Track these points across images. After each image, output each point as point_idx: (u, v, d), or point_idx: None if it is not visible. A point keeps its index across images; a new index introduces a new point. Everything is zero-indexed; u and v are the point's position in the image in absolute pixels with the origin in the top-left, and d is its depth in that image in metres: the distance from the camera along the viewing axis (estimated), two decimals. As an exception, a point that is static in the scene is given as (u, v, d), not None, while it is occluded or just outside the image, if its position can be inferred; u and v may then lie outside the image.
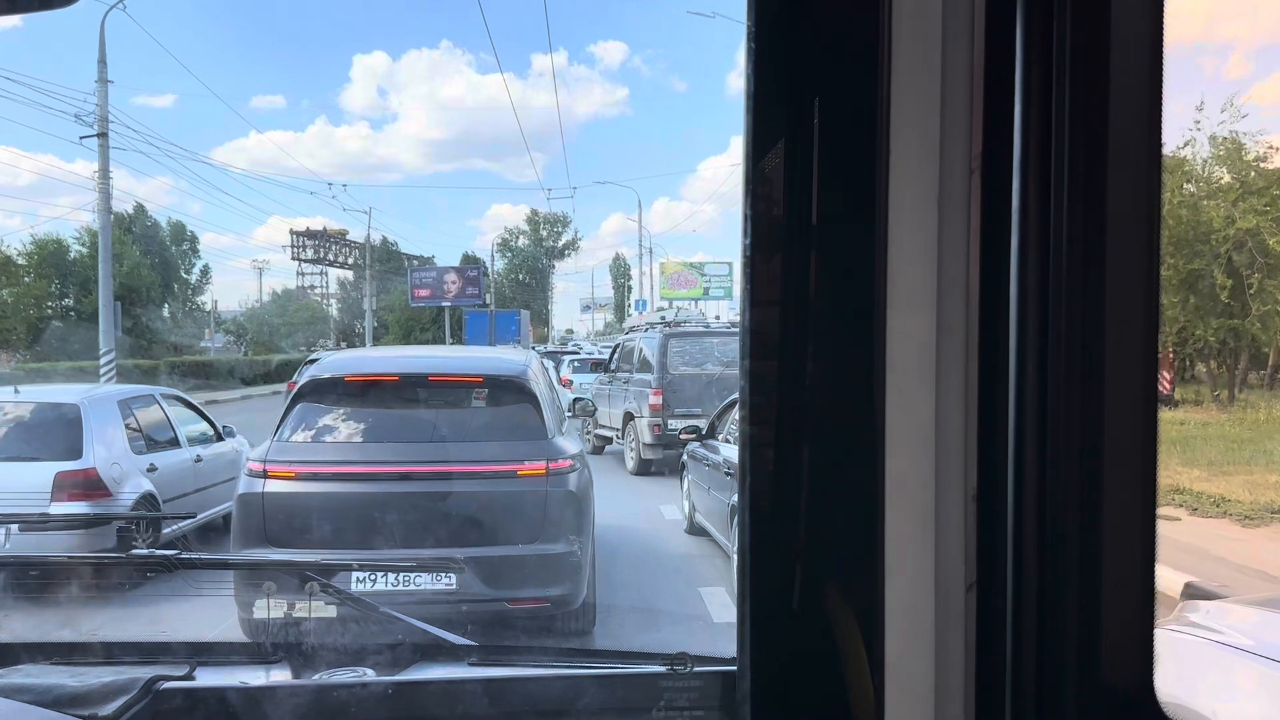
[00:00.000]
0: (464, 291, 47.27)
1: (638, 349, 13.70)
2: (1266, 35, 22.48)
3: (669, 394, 12.12)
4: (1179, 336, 15.95)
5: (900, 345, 0.87)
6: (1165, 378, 16.03)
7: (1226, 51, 26.55)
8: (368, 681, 1.51)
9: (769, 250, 0.90)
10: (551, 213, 59.63)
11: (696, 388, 12.18)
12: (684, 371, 12.44)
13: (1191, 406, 16.54)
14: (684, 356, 12.58)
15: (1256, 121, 18.64)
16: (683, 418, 11.96)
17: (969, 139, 0.86)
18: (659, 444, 12.17)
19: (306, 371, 5.87)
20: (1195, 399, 17.28)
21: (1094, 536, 0.80)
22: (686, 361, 12.54)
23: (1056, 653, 0.81)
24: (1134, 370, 0.80)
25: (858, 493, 0.88)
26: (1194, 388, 18.12)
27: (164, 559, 1.69)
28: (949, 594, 0.87)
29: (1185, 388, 18.01)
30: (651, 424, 12.12)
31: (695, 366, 12.51)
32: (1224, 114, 16.34)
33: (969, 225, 0.86)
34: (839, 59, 0.88)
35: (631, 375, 13.48)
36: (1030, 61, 0.81)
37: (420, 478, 4.94)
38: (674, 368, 12.44)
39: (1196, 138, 15.83)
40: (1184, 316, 15.53)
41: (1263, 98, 25.67)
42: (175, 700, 1.37)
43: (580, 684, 1.46)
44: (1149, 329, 0.81)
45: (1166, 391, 16.12)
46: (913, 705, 0.87)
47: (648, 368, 12.85)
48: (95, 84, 20.26)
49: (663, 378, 12.29)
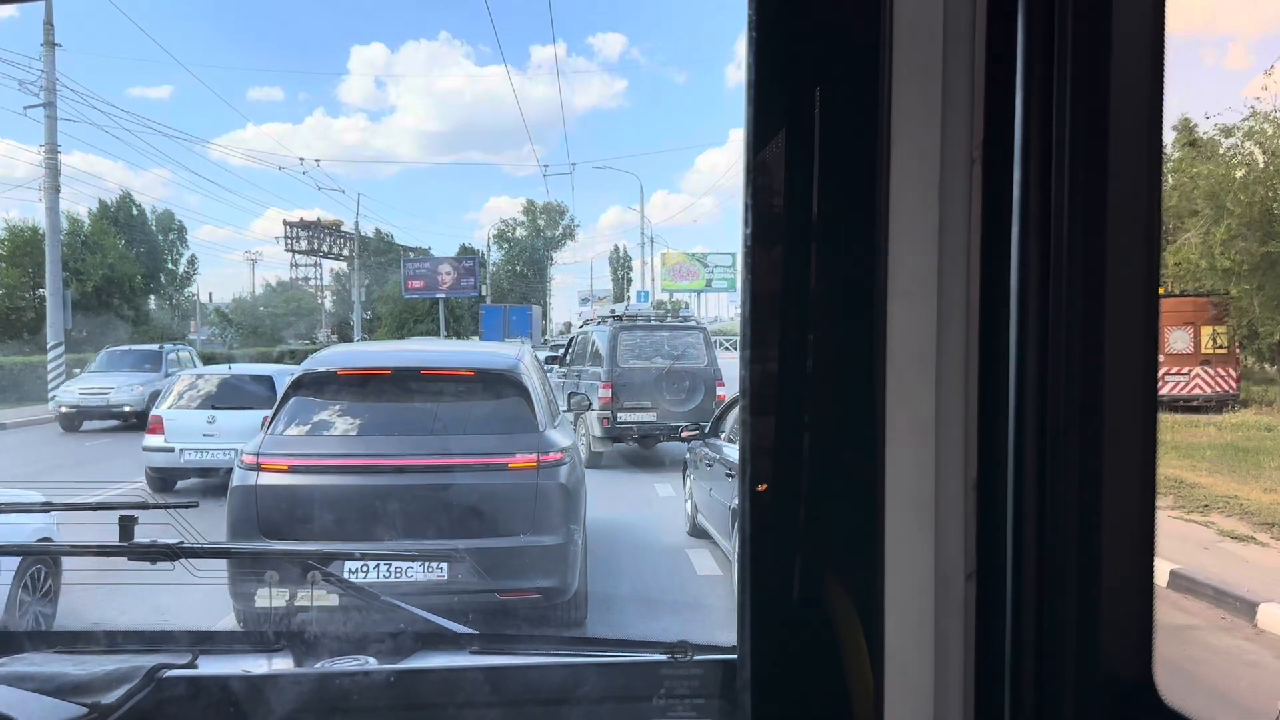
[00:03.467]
0: (459, 283, 47.21)
1: (591, 343, 14.05)
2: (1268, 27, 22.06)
3: (618, 387, 12.48)
4: (1248, 329, 14.90)
5: (901, 335, 0.89)
6: (1231, 375, 15.46)
7: (1226, 43, 26.28)
8: (370, 670, 1.54)
9: (770, 241, 0.93)
10: (549, 203, 59.53)
11: (646, 381, 12.56)
12: (633, 365, 12.79)
13: (1261, 407, 15.25)
14: (634, 350, 12.95)
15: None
16: (631, 410, 12.50)
17: (970, 129, 0.88)
18: (607, 437, 12.55)
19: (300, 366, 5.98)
20: (1263, 399, 15.78)
21: (1093, 526, 0.83)
22: (636, 355, 12.91)
23: (1056, 641, 0.84)
24: (1134, 360, 0.83)
25: (858, 482, 0.91)
26: (1262, 387, 16.50)
27: (166, 548, 1.72)
28: (948, 583, 0.90)
29: (1258, 386, 16.56)
30: (601, 417, 12.38)
31: (645, 360, 12.89)
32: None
33: (970, 216, 0.89)
34: (840, 49, 0.90)
35: (584, 369, 13.84)
36: (1032, 52, 0.83)
37: (412, 470, 5.05)
38: (624, 361, 12.79)
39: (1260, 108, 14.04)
40: (1257, 307, 14.23)
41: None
42: (178, 688, 1.40)
43: (581, 672, 1.49)
44: (1149, 319, 0.83)
45: (1232, 391, 15.48)
46: (912, 693, 0.90)
47: (599, 361, 13.14)
48: (41, 47, 18.03)
49: (612, 371, 12.63)
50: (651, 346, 13.07)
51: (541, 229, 60.53)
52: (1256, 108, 14.11)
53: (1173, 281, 15.42)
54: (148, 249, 39.31)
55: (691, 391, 12.66)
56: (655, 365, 12.82)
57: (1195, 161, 14.61)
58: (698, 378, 12.77)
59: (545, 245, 60.61)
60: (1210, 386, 15.72)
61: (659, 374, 12.69)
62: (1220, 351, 15.74)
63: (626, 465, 12.89)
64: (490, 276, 53.43)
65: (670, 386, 12.59)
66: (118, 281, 32.66)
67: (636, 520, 9.24)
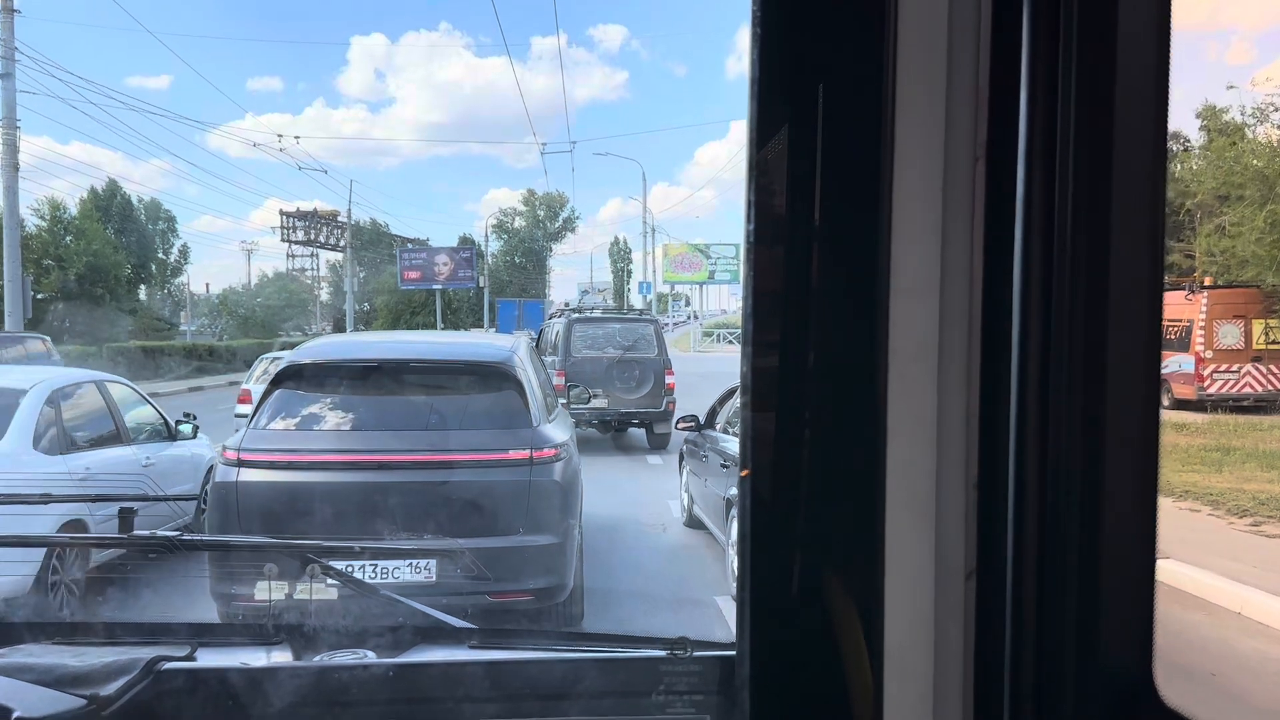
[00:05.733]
0: (456, 274, 47.18)
1: (553, 333, 15.10)
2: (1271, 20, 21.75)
3: (571, 375, 13.25)
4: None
5: (903, 333, 0.91)
6: (1276, 372, 14.61)
7: (1230, 37, 26.13)
8: (368, 664, 1.57)
9: (773, 238, 0.95)
10: (549, 193, 59.51)
11: (598, 370, 13.58)
12: (586, 354, 13.89)
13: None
14: (586, 340, 14.09)
15: None
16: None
17: (974, 127, 0.90)
18: None
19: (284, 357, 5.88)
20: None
21: (1094, 526, 0.84)
22: (589, 345, 14.05)
23: (1056, 641, 0.85)
24: (1136, 360, 0.84)
25: (859, 479, 0.93)
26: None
27: (165, 540, 1.75)
28: (948, 582, 0.92)
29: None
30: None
31: (597, 350, 13.99)
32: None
33: (973, 213, 0.91)
34: (844, 45, 0.92)
35: (547, 359, 14.52)
36: (1036, 49, 0.85)
37: (399, 467, 4.94)
38: (577, 351, 13.90)
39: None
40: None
41: None
42: (176, 680, 1.42)
43: (579, 667, 1.52)
44: (1152, 318, 0.85)
45: (1277, 389, 14.62)
46: (911, 692, 0.92)
47: (555, 350, 14.08)
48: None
49: (566, 360, 13.66)
50: (604, 338, 14.16)
51: (541, 219, 60.50)
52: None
53: (1218, 271, 14.86)
54: (138, 238, 39.22)
55: (641, 380, 13.68)
56: (607, 355, 13.87)
57: (1234, 143, 14.19)
58: (647, 367, 13.79)
59: (545, 237, 60.58)
60: (1262, 385, 14.84)
61: (610, 363, 13.72)
62: (1275, 347, 14.85)
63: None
64: (488, 268, 53.39)
65: (621, 375, 13.65)
66: (102, 270, 32.47)
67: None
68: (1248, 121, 14.71)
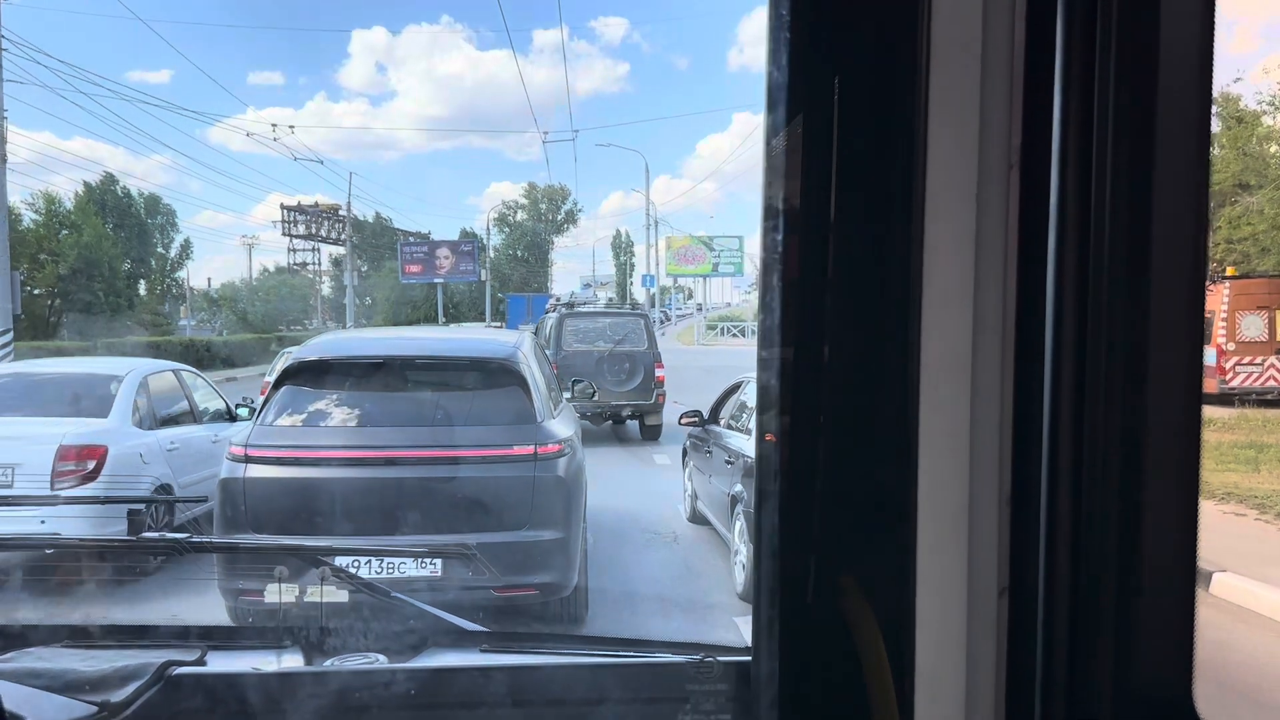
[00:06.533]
0: (457, 268, 47.20)
1: (547, 327, 15.52)
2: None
3: (562, 369, 13.43)
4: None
5: (935, 342, 0.89)
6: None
7: (1232, 26, 26.13)
8: (380, 668, 1.56)
9: (802, 245, 0.93)
10: (551, 186, 59.47)
11: (588, 364, 13.93)
12: (576, 349, 14.27)
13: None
14: (577, 335, 14.53)
15: None
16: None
17: (1009, 132, 0.88)
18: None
19: (291, 354, 5.95)
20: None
21: (1132, 543, 0.83)
22: (580, 340, 14.46)
23: (1091, 662, 0.84)
24: (1177, 373, 0.82)
25: (888, 492, 0.91)
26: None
27: (174, 543, 1.74)
28: (981, 599, 0.91)
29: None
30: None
31: (587, 344, 14.40)
32: None
33: (1007, 221, 0.89)
34: (875, 49, 0.90)
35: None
36: (1071, 51, 0.83)
37: (405, 462, 5.00)
38: (568, 345, 14.30)
39: None
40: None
41: None
42: (187, 686, 1.42)
43: (593, 673, 1.51)
44: (1193, 330, 0.83)
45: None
46: (943, 712, 0.91)
47: (548, 345, 14.34)
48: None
49: (557, 354, 13.86)
50: (595, 332, 14.58)
51: (543, 213, 60.48)
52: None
53: (1237, 261, 14.56)
54: (136, 232, 39.18)
55: (631, 373, 14.06)
56: (596, 349, 14.27)
57: (1252, 132, 14.00)
58: (637, 360, 14.16)
59: (547, 230, 60.57)
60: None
61: (600, 357, 14.09)
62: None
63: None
64: (490, 261, 53.40)
65: (611, 368, 14.04)
66: (97, 263, 32.38)
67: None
68: (1264, 109, 14.56)
